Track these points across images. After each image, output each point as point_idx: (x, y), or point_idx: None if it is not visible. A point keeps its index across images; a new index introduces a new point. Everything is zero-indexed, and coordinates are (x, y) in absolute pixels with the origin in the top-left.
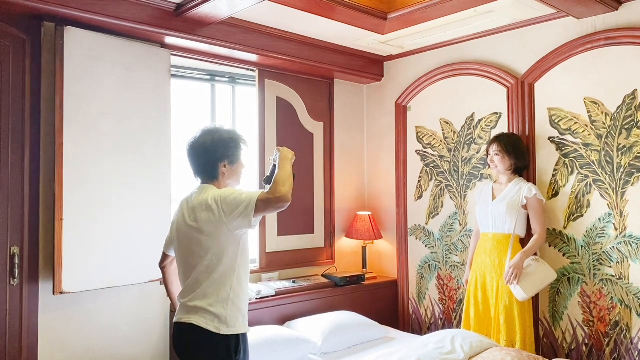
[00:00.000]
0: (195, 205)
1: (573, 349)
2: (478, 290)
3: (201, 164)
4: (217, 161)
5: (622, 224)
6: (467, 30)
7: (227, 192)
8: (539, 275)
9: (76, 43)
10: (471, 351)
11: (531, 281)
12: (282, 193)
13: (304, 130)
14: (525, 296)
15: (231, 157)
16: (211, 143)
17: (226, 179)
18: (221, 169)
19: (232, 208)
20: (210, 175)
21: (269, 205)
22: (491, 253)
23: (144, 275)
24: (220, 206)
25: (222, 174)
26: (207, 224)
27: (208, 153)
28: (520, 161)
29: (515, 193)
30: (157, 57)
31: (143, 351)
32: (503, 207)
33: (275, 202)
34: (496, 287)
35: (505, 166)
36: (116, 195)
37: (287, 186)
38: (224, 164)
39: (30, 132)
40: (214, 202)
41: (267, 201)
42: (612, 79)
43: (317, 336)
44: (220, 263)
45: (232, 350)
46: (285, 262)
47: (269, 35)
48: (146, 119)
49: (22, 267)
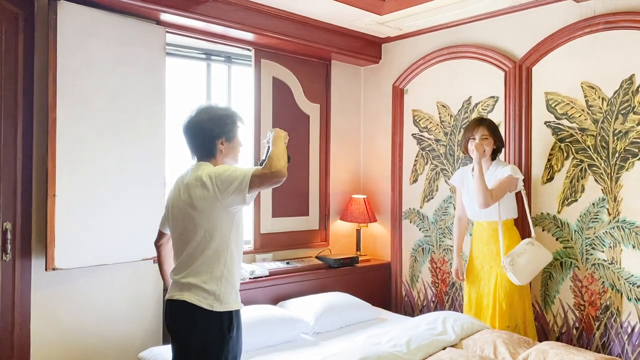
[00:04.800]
0: (189, 182)
1: (564, 332)
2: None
3: (198, 142)
4: (214, 138)
5: (616, 209)
6: (466, 12)
7: (222, 169)
8: (535, 258)
9: (70, 18)
10: (462, 333)
11: (526, 265)
12: (278, 168)
13: (300, 112)
14: (519, 281)
15: (228, 133)
16: (207, 120)
17: (224, 157)
18: (219, 146)
19: (226, 184)
20: (207, 153)
21: (264, 180)
22: (488, 242)
23: (137, 253)
24: (214, 182)
25: (219, 151)
26: (201, 201)
27: (205, 130)
28: (500, 145)
29: (497, 176)
30: (152, 34)
31: (136, 329)
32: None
33: (271, 177)
34: (495, 275)
35: (490, 149)
36: (110, 173)
37: (282, 162)
38: (221, 140)
39: (23, 108)
40: (209, 179)
41: (263, 176)
42: (610, 63)
43: (309, 316)
44: (213, 240)
45: (225, 327)
46: (280, 244)
47: (265, 14)
48: (140, 96)
49: (14, 243)
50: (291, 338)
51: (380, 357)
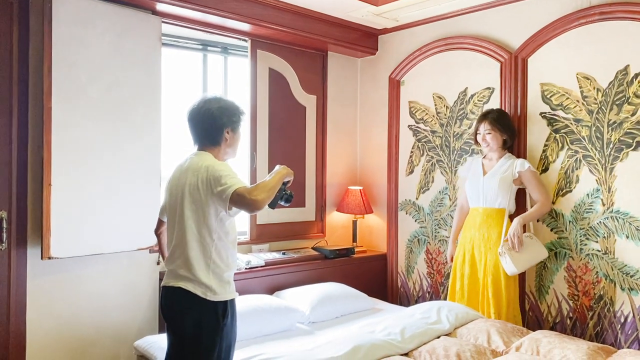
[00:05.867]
0: (188, 168)
1: (557, 322)
2: (465, 264)
3: (206, 129)
4: (222, 126)
5: (610, 200)
6: (462, 3)
7: (220, 167)
8: (531, 252)
9: (65, 7)
10: (456, 322)
11: (523, 257)
12: (257, 198)
13: (296, 103)
14: (515, 270)
15: (234, 124)
16: (217, 109)
17: (227, 146)
18: (224, 134)
19: (215, 184)
20: (212, 141)
21: (240, 201)
22: (480, 227)
23: (133, 243)
24: (209, 175)
25: (224, 140)
26: (195, 190)
27: (214, 117)
28: (511, 136)
29: (507, 168)
30: (148, 24)
31: (131, 318)
32: (495, 182)
33: (247, 203)
34: (484, 260)
35: (498, 143)
36: (106, 162)
37: (265, 194)
38: (228, 130)
39: (18, 97)
40: (205, 170)
41: (241, 197)
42: (605, 54)
43: (305, 306)
44: (204, 230)
45: (219, 314)
46: (276, 235)
47: (261, 4)
48: (136, 86)
49: (10, 231)
50: (286, 327)
51: (375, 345)
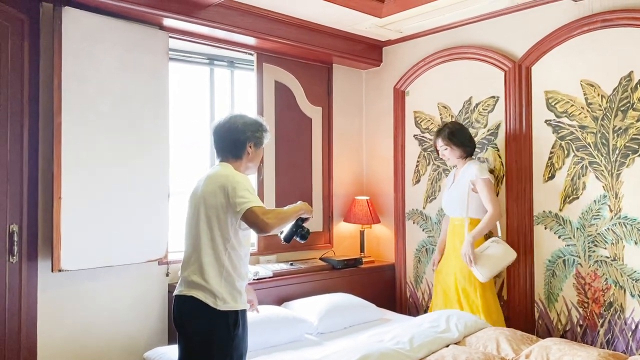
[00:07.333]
0: (208, 177)
1: (568, 330)
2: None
3: (230, 142)
4: (246, 140)
5: (617, 206)
6: (465, 13)
7: (240, 178)
8: (496, 256)
9: (74, 24)
10: (466, 330)
11: (489, 263)
12: (269, 222)
13: (302, 115)
14: (485, 278)
15: (257, 140)
16: (242, 124)
17: (249, 161)
18: (247, 148)
19: (233, 193)
20: (235, 154)
21: (254, 219)
22: (450, 237)
23: (142, 255)
24: (228, 182)
25: (246, 154)
26: (212, 197)
27: (238, 132)
28: (468, 147)
29: (467, 177)
30: (155, 39)
31: (141, 329)
32: (455, 193)
33: (259, 223)
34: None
35: (456, 155)
36: (114, 176)
37: (277, 221)
38: (250, 144)
39: (29, 112)
40: (225, 178)
41: (255, 216)
42: (608, 60)
43: (313, 316)
44: (215, 237)
45: (230, 324)
46: (283, 246)
47: (266, 18)
48: (144, 101)
49: (21, 244)
50: (295, 338)
51: (383, 354)
